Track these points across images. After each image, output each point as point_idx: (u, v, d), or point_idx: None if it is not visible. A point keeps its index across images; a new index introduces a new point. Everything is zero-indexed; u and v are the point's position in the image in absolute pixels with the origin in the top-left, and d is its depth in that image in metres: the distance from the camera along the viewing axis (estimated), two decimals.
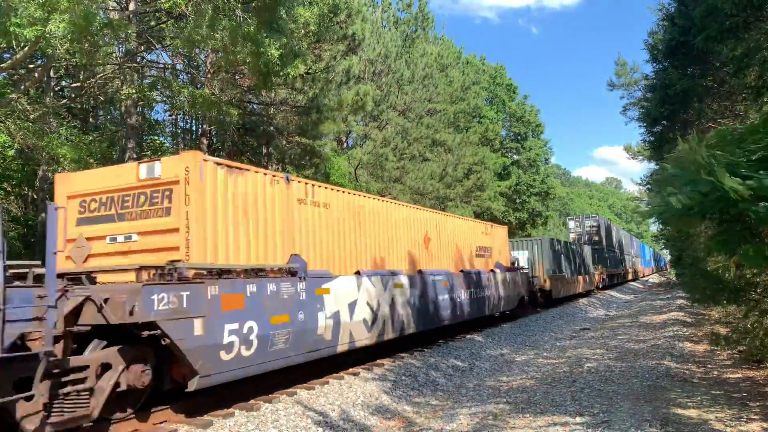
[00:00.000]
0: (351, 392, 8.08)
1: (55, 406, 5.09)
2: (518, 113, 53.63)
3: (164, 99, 19.35)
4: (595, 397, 7.52)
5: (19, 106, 13.05)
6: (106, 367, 5.66)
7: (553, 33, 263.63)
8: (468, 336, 13.92)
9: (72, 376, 5.29)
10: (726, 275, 9.88)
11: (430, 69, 31.17)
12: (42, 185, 16.04)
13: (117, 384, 5.70)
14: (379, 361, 10.17)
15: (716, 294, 9.90)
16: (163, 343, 5.81)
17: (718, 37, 12.15)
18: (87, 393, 5.38)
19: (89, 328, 5.68)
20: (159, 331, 5.67)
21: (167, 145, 24.34)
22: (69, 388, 5.23)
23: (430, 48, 32.90)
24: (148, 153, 20.82)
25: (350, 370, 9.31)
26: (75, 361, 5.39)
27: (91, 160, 14.02)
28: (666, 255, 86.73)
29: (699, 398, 7.26)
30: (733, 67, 13.28)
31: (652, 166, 29.05)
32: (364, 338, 9.37)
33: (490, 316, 16.37)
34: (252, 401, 7.11)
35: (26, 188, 19.01)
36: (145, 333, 5.65)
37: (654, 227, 69.49)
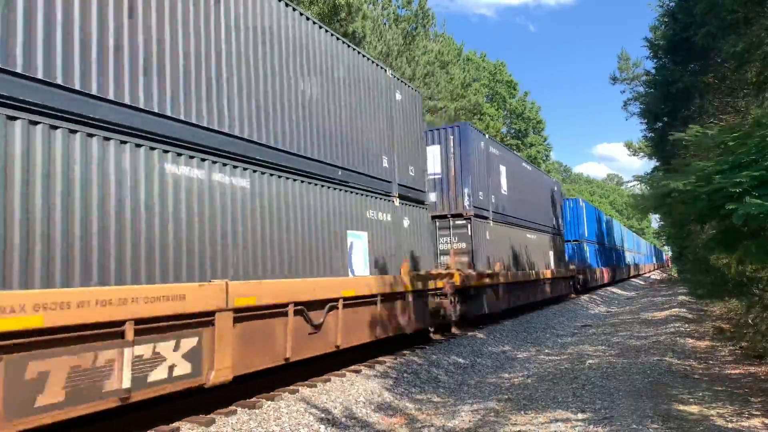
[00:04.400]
0: (353, 389, 8.10)
1: None
2: (519, 110, 53.64)
3: None
4: (596, 394, 7.53)
5: None
6: None
7: (550, 31, 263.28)
8: (469, 333, 13.93)
9: None
10: (728, 271, 9.91)
11: (431, 66, 31.15)
12: None
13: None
14: (380, 358, 10.19)
15: (718, 290, 9.93)
16: None
17: (719, 33, 12.16)
18: None
19: None
20: None
21: None
22: None
23: (430, 45, 32.88)
24: None
25: (352, 367, 9.32)
26: None
27: None
28: (667, 251, 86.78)
29: (700, 394, 7.26)
30: (734, 63, 13.27)
31: (654, 162, 28.96)
32: None
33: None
34: (254, 399, 7.13)
35: None
36: None
37: (655, 224, 69.43)
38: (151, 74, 5.97)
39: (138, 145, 5.73)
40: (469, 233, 14.72)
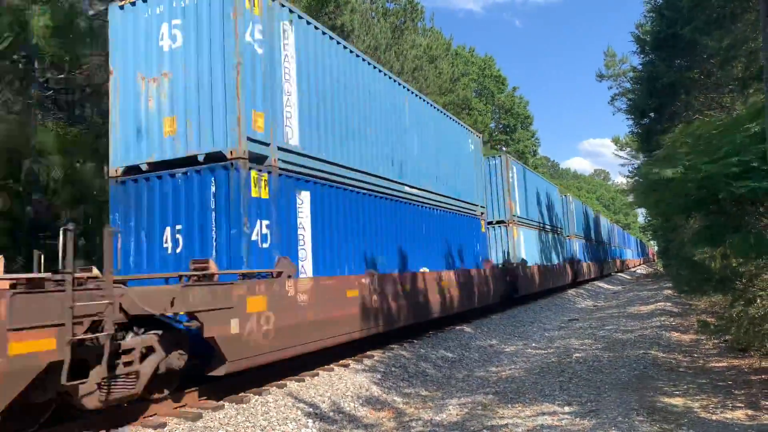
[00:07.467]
0: (341, 384, 8.10)
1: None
2: (507, 105, 53.69)
3: None
4: (583, 387, 7.59)
5: (2, 98, 12.84)
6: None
7: (537, 27, 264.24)
8: (457, 327, 13.98)
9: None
10: (712, 265, 10.00)
11: (420, 61, 31.08)
12: (28, 179, 15.80)
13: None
14: (369, 352, 10.19)
15: (703, 284, 10.02)
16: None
17: (706, 29, 12.24)
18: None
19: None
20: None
21: None
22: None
23: (419, 39, 32.80)
24: None
25: (340, 361, 9.32)
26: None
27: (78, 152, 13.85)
28: (653, 245, 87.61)
29: (685, 387, 7.35)
30: (720, 58, 13.38)
31: (641, 158, 29.11)
32: None
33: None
34: (242, 394, 7.10)
35: (11, 182, 18.73)
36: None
37: (642, 219, 70.03)
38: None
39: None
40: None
